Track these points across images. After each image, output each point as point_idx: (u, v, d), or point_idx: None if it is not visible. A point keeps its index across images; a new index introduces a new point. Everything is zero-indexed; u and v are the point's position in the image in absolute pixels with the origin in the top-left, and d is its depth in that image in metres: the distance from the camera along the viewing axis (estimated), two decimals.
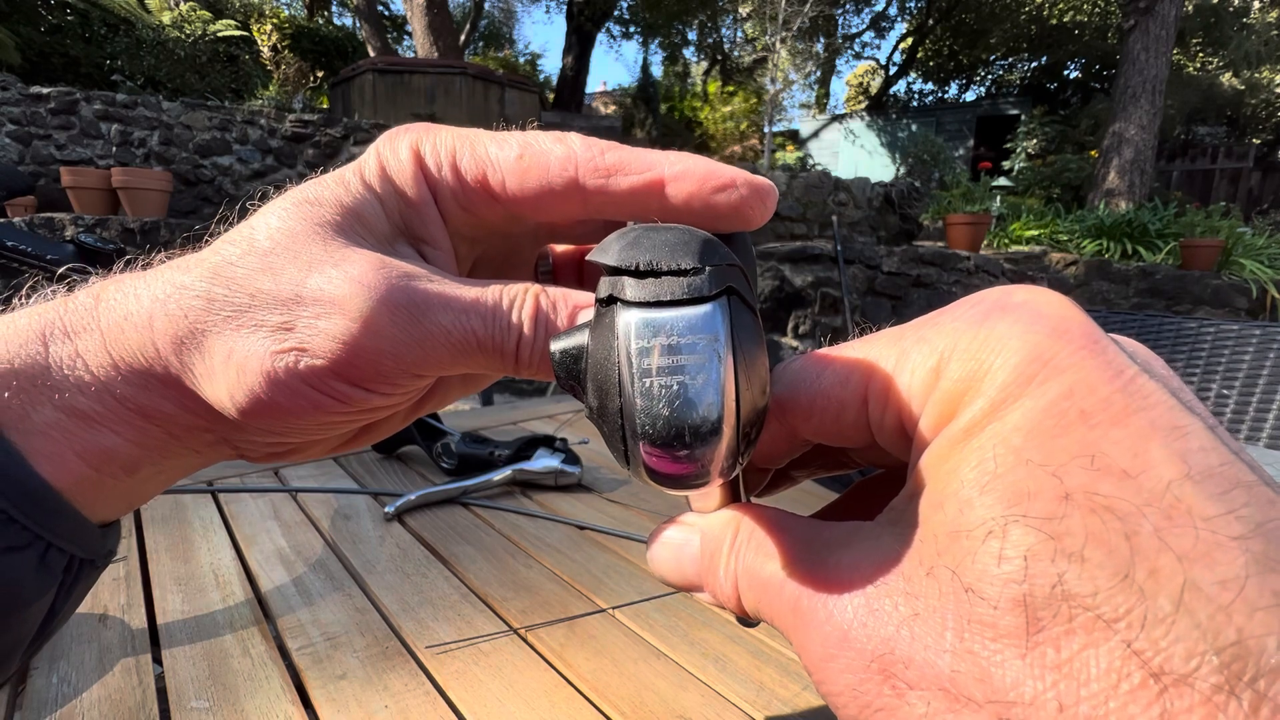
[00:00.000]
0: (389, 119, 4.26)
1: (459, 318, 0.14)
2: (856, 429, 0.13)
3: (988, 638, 0.09)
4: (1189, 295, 3.41)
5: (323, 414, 0.15)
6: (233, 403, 0.14)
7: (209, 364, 0.14)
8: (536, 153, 0.15)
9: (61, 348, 0.15)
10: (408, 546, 0.46)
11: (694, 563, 0.15)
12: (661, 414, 0.10)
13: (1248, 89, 9.40)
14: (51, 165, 3.21)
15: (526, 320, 0.15)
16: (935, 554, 0.10)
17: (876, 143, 11.08)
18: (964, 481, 0.10)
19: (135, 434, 0.15)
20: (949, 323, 0.12)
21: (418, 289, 0.14)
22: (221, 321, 0.14)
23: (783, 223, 3.99)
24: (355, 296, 0.14)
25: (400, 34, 11.41)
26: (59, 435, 0.14)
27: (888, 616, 0.11)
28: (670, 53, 11.69)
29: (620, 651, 0.34)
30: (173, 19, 5.32)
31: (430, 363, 0.14)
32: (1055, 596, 0.09)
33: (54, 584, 0.15)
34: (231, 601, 0.38)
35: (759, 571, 0.13)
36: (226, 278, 0.14)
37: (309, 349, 0.14)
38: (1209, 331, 0.86)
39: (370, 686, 0.31)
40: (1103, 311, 0.96)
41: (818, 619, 0.11)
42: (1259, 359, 0.82)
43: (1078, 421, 0.09)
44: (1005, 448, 0.10)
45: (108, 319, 0.15)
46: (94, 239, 0.89)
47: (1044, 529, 0.09)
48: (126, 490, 0.16)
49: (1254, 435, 0.81)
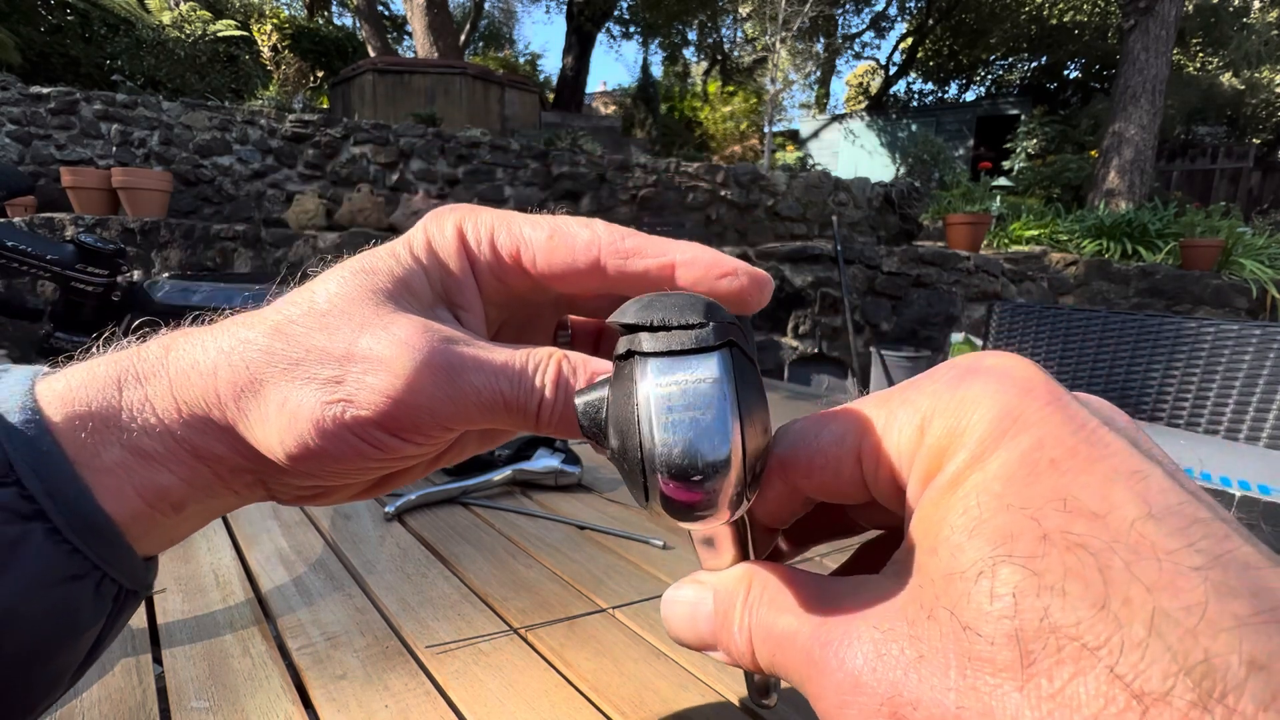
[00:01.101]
0: (389, 119, 4.26)
1: (489, 379, 0.16)
2: (853, 485, 0.14)
3: (987, 673, 0.10)
4: (1189, 295, 3.41)
5: (362, 460, 0.16)
6: (282, 447, 0.16)
7: (264, 411, 0.16)
8: (565, 235, 0.18)
9: (133, 392, 0.16)
10: (408, 546, 0.46)
11: (708, 620, 0.15)
12: (677, 446, 0.12)
13: (1248, 89, 9.40)
14: (51, 165, 3.21)
15: (549, 384, 0.16)
16: (934, 597, 0.11)
17: (876, 143, 11.08)
18: (954, 528, 0.11)
19: (188, 473, 0.17)
20: (929, 385, 0.13)
21: (455, 352, 0.16)
22: (279, 373, 0.16)
23: (783, 223, 3.99)
24: (400, 356, 0.15)
25: (400, 34, 11.41)
26: (123, 473, 0.16)
27: (895, 660, 0.11)
28: (670, 53, 11.70)
29: (620, 651, 0.34)
30: (173, 19, 5.32)
31: (461, 417, 0.16)
32: (1044, 629, 0.10)
33: (105, 612, 0.16)
34: (232, 601, 0.38)
35: (772, 625, 0.14)
36: (286, 334, 0.16)
37: (355, 401, 0.15)
38: (1209, 331, 0.86)
39: (370, 686, 0.31)
40: (1103, 311, 0.96)
41: (830, 667, 0.12)
42: (1259, 359, 0.82)
43: (1049, 469, 0.11)
44: (987, 494, 0.11)
45: (176, 367, 0.17)
46: (94, 239, 0.89)
47: (1028, 566, 0.10)
48: (171, 527, 0.18)
49: (1254, 435, 0.81)
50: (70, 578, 0.15)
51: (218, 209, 3.48)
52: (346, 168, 3.59)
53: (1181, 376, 0.87)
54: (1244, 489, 0.49)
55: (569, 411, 0.16)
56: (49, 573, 0.15)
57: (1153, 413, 0.89)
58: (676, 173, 3.81)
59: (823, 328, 3.26)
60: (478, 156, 3.66)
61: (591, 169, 3.73)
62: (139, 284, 0.96)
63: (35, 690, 0.16)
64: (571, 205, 3.76)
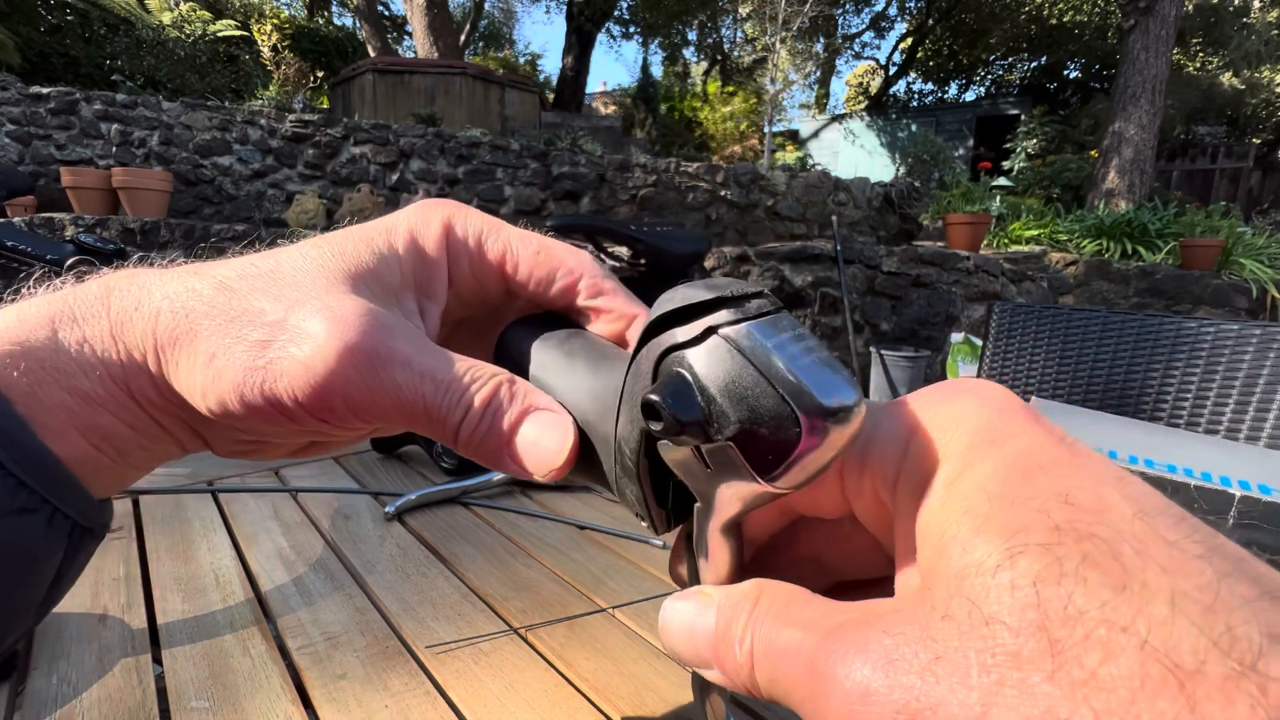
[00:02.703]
0: (389, 119, 4.26)
1: (414, 379, 0.16)
2: (831, 498, 0.15)
3: (1013, 666, 0.10)
4: (1189, 295, 3.41)
5: (275, 426, 0.16)
6: (204, 402, 0.16)
7: (192, 363, 0.16)
8: (552, 254, 0.19)
9: (69, 333, 0.16)
10: (408, 546, 0.46)
11: (708, 636, 0.14)
12: (827, 377, 0.12)
13: (1248, 89, 9.40)
14: (51, 165, 3.21)
15: (479, 401, 0.16)
16: (947, 597, 0.11)
17: (876, 143, 11.07)
18: (959, 526, 0.11)
19: (130, 417, 0.17)
20: (910, 404, 0.14)
21: (384, 343, 0.16)
22: (214, 328, 0.16)
23: (782, 223, 3.99)
24: (329, 336, 0.15)
25: (400, 34, 11.41)
26: (63, 414, 0.16)
27: (909, 664, 0.11)
28: (670, 53, 11.69)
29: (620, 651, 0.34)
30: (173, 19, 5.32)
31: (375, 411, 0.16)
32: (1069, 616, 0.09)
33: (60, 547, 0.16)
34: (232, 601, 0.38)
35: (775, 639, 0.13)
36: (232, 290, 0.16)
37: (274, 370, 0.15)
38: (1209, 331, 0.86)
39: (370, 686, 0.31)
40: (1102, 311, 0.96)
41: (836, 678, 0.11)
42: (1259, 359, 0.82)
43: (1040, 472, 0.11)
44: (986, 493, 0.11)
45: (118, 307, 0.16)
46: (94, 239, 0.89)
47: (1045, 555, 0.10)
48: (120, 472, 0.18)
49: (1254, 435, 0.81)
50: (20, 510, 0.15)
51: (218, 209, 3.48)
52: (347, 168, 3.59)
53: (1181, 376, 0.87)
54: (1244, 489, 0.49)
55: (495, 439, 0.16)
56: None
57: (1153, 413, 0.89)
58: (676, 173, 3.81)
59: (822, 328, 3.25)
60: (478, 156, 3.66)
61: (591, 169, 3.73)
62: None
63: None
64: (572, 205, 3.76)
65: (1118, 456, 0.57)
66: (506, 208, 3.68)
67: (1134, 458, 0.55)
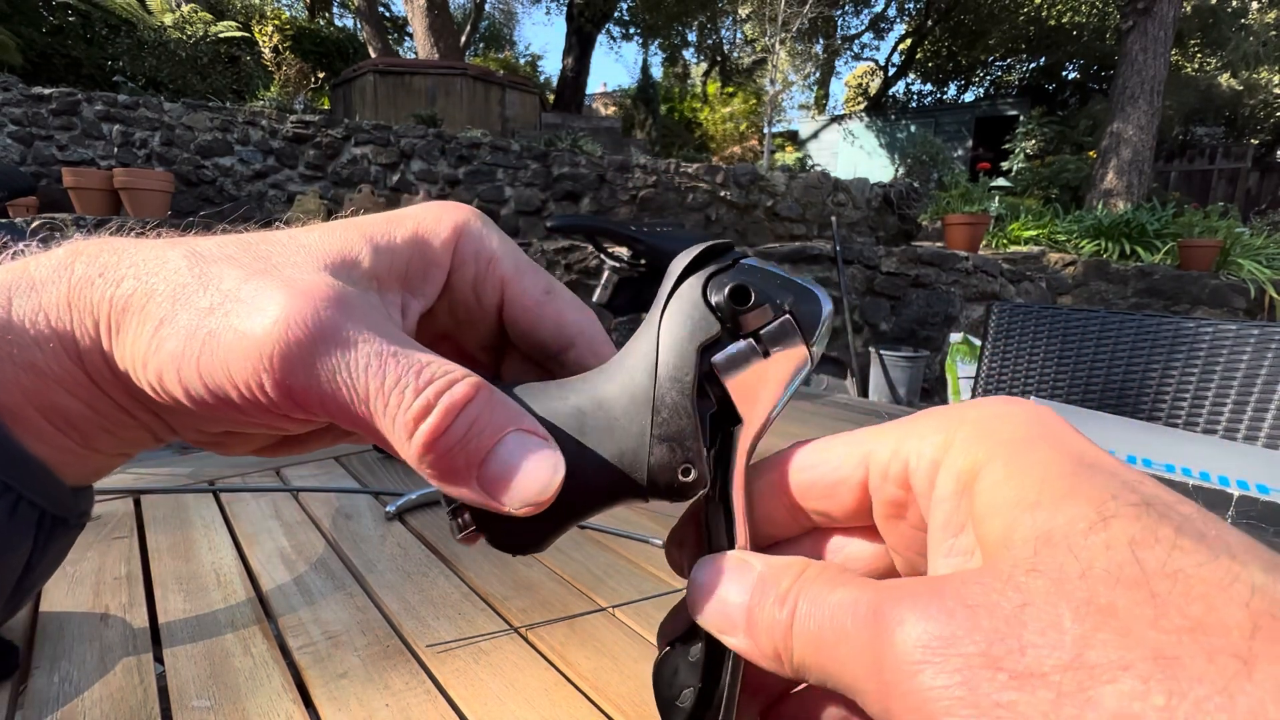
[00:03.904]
0: (390, 120, 4.26)
1: (367, 362, 0.13)
2: (851, 494, 0.15)
3: (1109, 615, 0.10)
4: (1187, 295, 3.41)
5: (214, 410, 0.14)
6: (144, 373, 0.14)
7: (139, 330, 0.14)
8: (560, 301, 0.18)
9: (25, 301, 0.15)
10: (409, 546, 0.46)
11: (742, 597, 0.13)
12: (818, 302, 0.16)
13: (1246, 90, 9.41)
14: (53, 166, 3.22)
15: (445, 402, 0.13)
16: (1031, 555, 0.11)
17: (875, 143, 11.08)
18: (1041, 495, 0.11)
19: (87, 396, 0.15)
20: (939, 414, 0.14)
21: (338, 322, 0.14)
22: (169, 293, 0.14)
23: (782, 223, 3.99)
24: (276, 306, 0.14)
25: (401, 35, 11.42)
26: (19, 392, 0.14)
27: (992, 611, 0.10)
28: (670, 54, 11.69)
29: (620, 650, 0.34)
30: (174, 20, 5.33)
31: (311, 397, 0.14)
32: (1167, 573, 0.10)
33: (28, 537, 0.15)
34: (233, 601, 0.38)
35: (825, 597, 0.12)
36: (200, 258, 0.15)
37: (212, 342, 0.14)
38: (1207, 331, 0.87)
39: (371, 685, 0.31)
40: (1101, 312, 0.96)
41: (907, 622, 0.11)
42: (1257, 359, 0.82)
43: (1096, 465, 0.12)
44: (1060, 470, 0.11)
45: (80, 274, 0.15)
46: None
47: (1137, 523, 0.10)
48: (89, 458, 0.16)
49: (1252, 435, 0.81)
50: None
51: (219, 209, 3.48)
52: (348, 168, 3.60)
53: (1180, 376, 0.87)
54: (1242, 489, 0.50)
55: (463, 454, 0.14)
56: None
57: (1151, 412, 0.90)
58: (676, 173, 3.82)
59: None
60: (478, 157, 3.66)
61: (591, 169, 3.74)
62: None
63: None
64: (572, 205, 3.76)
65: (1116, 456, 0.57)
66: (507, 208, 3.68)
67: (1132, 457, 0.55)
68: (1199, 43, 9.20)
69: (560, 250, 3.14)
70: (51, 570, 0.17)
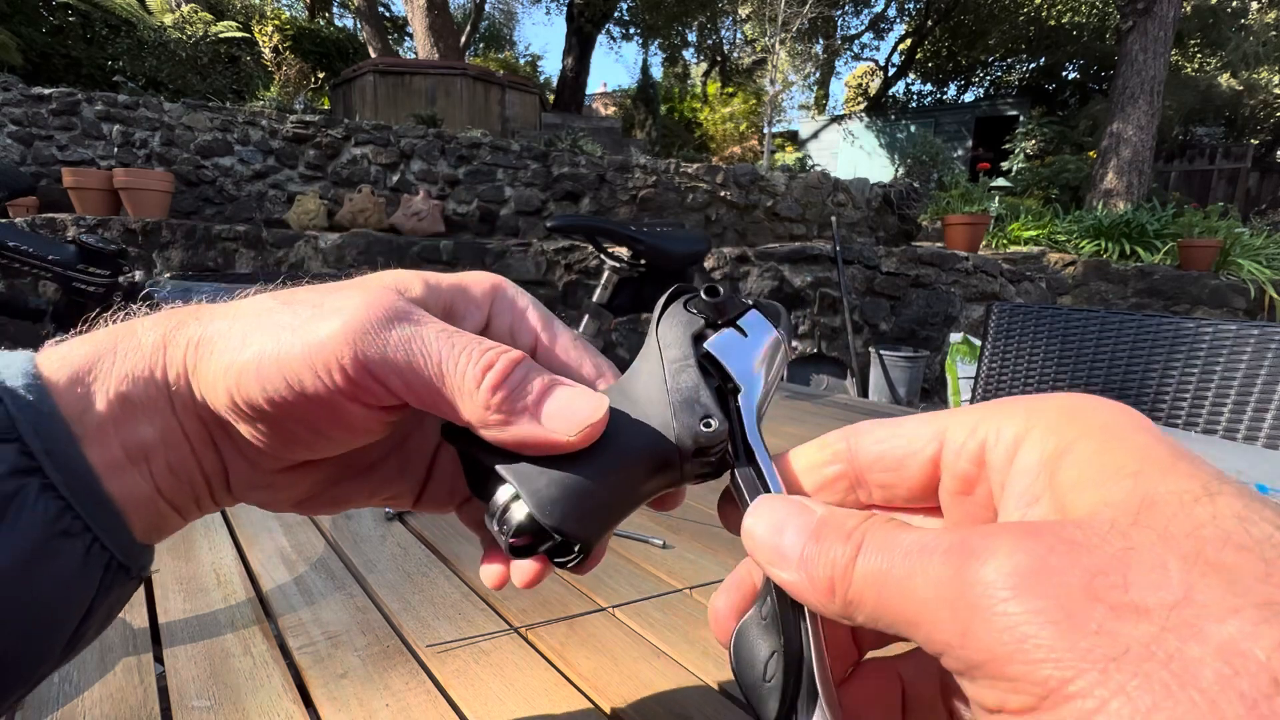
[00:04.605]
0: (390, 120, 4.26)
1: (431, 334, 0.16)
2: (921, 468, 0.15)
3: (1216, 569, 0.10)
4: (1187, 295, 3.41)
5: (292, 411, 0.16)
6: (225, 377, 0.16)
7: (225, 345, 0.17)
8: (585, 355, 0.21)
9: (128, 344, 0.17)
10: (408, 545, 0.46)
11: (803, 530, 0.14)
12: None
13: (1246, 90, 9.41)
14: (53, 166, 3.22)
15: (504, 361, 0.16)
16: (1135, 512, 0.11)
17: (875, 143, 11.09)
18: (1142, 466, 0.11)
19: (164, 424, 0.17)
20: (1018, 400, 0.14)
21: (408, 307, 0.17)
22: (255, 320, 0.17)
23: (782, 223, 3.99)
24: (357, 304, 0.16)
25: (401, 35, 11.42)
26: (110, 421, 0.17)
27: (1093, 549, 0.10)
28: (670, 54, 11.70)
29: (620, 650, 0.34)
30: (174, 20, 5.33)
31: (386, 364, 0.16)
32: (1275, 544, 0.10)
33: (95, 582, 0.16)
34: (233, 601, 0.38)
35: (895, 537, 0.12)
36: (286, 294, 0.18)
37: (297, 337, 0.16)
38: (1207, 331, 0.87)
39: (371, 685, 0.31)
40: (1101, 312, 0.96)
41: (1000, 553, 0.11)
42: (1257, 359, 0.82)
43: (1191, 455, 0.12)
44: (1161, 453, 0.12)
45: (176, 319, 0.18)
46: (96, 239, 0.89)
47: (1239, 500, 0.11)
48: (154, 507, 0.18)
49: (1252, 435, 0.82)
50: (61, 534, 0.15)
51: (219, 209, 3.48)
52: (348, 168, 3.60)
53: (1180, 376, 0.87)
54: None
55: (521, 401, 0.16)
56: (43, 528, 0.15)
57: (1151, 412, 0.90)
58: (676, 173, 3.82)
59: (822, 328, 3.26)
60: (478, 157, 3.66)
61: (591, 170, 3.74)
62: (140, 284, 0.95)
63: (26, 657, 0.16)
64: (572, 205, 3.76)
65: None
66: (507, 208, 3.68)
67: None
68: (1199, 43, 9.21)
69: (560, 250, 3.14)
70: (107, 622, 0.18)
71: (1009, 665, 0.10)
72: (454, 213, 3.61)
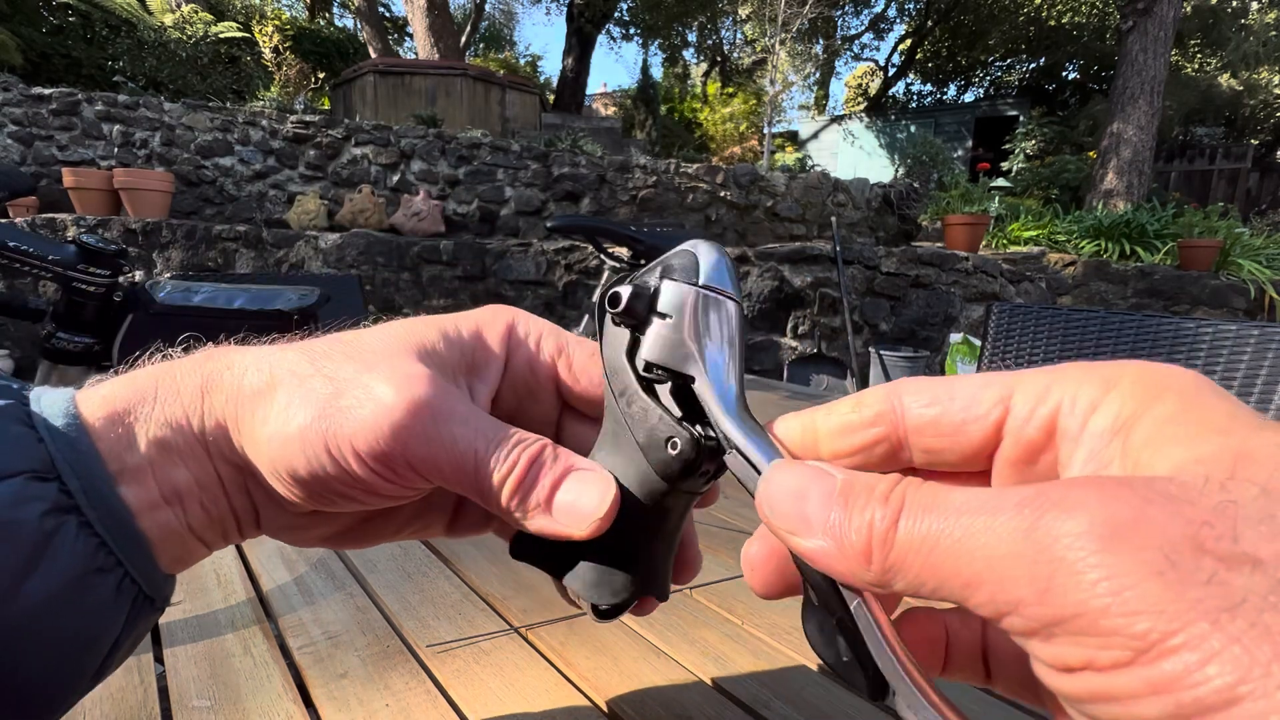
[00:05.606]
0: (390, 120, 4.26)
1: (469, 434, 0.18)
2: (981, 433, 0.14)
3: None
4: (1187, 295, 3.42)
5: (332, 481, 0.18)
6: (268, 446, 0.17)
7: (265, 412, 0.18)
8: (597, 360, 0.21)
9: (167, 389, 0.18)
10: (409, 545, 0.46)
11: (826, 495, 0.13)
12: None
13: (1246, 90, 9.42)
14: (53, 166, 3.22)
15: (526, 457, 0.18)
16: (1230, 466, 0.10)
17: (875, 144, 11.09)
18: (1231, 424, 0.11)
19: (199, 470, 0.18)
20: (1092, 365, 0.13)
21: (445, 401, 0.18)
22: (294, 383, 0.18)
23: (782, 223, 4.00)
24: (395, 391, 0.17)
25: (401, 35, 11.43)
26: (147, 468, 0.17)
27: (1194, 502, 0.10)
28: (670, 54, 11.71)
29: (620, 650, 0.34)
30: (174, 20, 5.33)
31: (430, 464, 0.17)
32: None
33: (124, 612, 0.17)
34: (233, 600, 0.38)
35: (944, 498, 0.12)
36: (313, 354, 0.19)
37: (341, 418, 0.17)
38: (1207, 331, 0.87)
39: (371, 685, 0.31)
40: (1101, 312, 0.96)
41: (1089, 506, 0.10)
42: (1257, 359, 0.82)
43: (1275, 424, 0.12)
44: (1249, 415, 0.11)
45: (211, 368, 0.19)
46: (96, 239, 0.89)
47: None
48: (182, 542, 0.19)
49: None
50: (96, 570, 0.16)
51: (219, 210, 3.48)
52: (348, 168, 3.60)
53: None
54: None
55: (535, 494, 0.17)
56: (79, 564, 0.16)
57: None
58: (676, 174, 3.82)
59: (822, 328, 3.26)
60: (478, 157, 3.67)
61: (592, 170, 3.74)
62: (141, 284, 0.95)
63: (61, 685, 0.17)
64: (572, 206, 3.76)
65: None
66: (507, 208, 3.68)
67: None
68: (1199, 43, 9.21)
69: (560, 250, 3.14)
70: (132, 649, 0.19)
71: (1102, 619, 0.09)
72: (454, 213, 3.61)
